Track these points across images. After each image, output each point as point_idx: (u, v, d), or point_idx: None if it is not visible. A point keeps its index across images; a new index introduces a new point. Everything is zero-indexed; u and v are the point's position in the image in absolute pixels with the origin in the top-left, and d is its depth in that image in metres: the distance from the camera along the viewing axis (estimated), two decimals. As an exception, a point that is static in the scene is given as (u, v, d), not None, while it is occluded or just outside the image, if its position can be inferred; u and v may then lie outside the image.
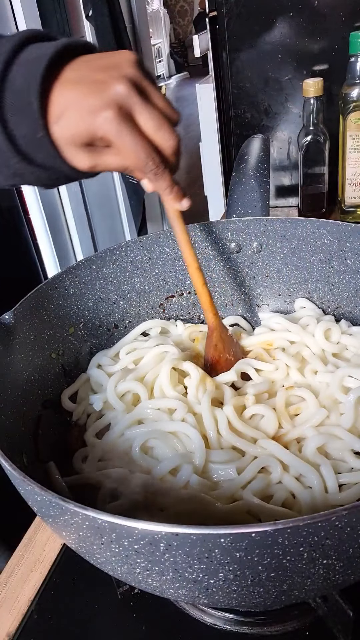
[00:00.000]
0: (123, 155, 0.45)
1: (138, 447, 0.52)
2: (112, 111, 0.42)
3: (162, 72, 7.63)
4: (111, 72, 0.43)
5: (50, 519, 0.37)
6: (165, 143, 0.46)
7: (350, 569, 0.35)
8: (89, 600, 0.52)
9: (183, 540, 0.30)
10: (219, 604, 0.38)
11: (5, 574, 0.55)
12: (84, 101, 0.42)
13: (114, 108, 0.42)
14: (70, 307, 0.63)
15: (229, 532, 0.29)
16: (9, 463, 0.37)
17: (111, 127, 0.43)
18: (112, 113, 0.42)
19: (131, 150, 0.44)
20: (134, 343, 0.66)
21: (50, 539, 0.58)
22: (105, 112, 0.42)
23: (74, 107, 0.42)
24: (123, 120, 0.43)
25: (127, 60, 0.44)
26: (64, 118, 0.42)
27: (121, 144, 0.44)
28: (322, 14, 1.01)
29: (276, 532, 0.29)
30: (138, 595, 0.51)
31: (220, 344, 0.61)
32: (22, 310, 0.55)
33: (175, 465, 0.49)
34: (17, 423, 0.50)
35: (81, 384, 0.63)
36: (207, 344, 0.62)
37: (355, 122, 0.97)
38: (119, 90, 0.43)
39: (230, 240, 0.71)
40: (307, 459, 0.50)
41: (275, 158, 1.18)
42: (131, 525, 0.31)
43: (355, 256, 0.65)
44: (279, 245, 0.70)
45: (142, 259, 0.69)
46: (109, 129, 0.43)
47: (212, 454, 0.51)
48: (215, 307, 0.60)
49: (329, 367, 0.59)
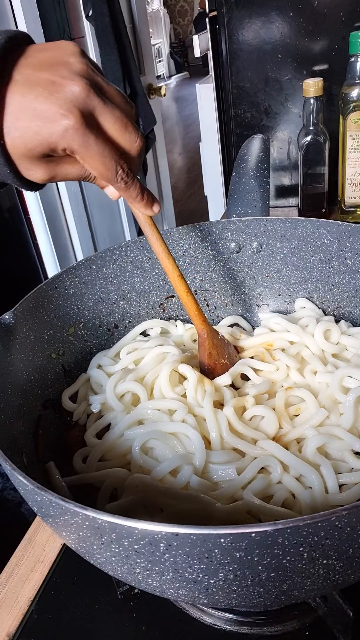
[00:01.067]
0: (89, 164, 0.41)
1: (138, 447, 0.52)
2: (74, 118, 0.37)
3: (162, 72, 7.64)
4: (59, 70, 0.38)
5: (50, 519, 0.37)
6: (132, 145, 0.42)
7: (350, 569, 0.35)
8: (89, 600, 0.52)
9: (183, 540, 0.30)
10: (219, 604, 0.38)
11: (5, 574, 0.55)
12: (38, 108, 0.37)
13: (74, 114, 0.37)
14: (70, 307, 0.63)
15: (229, 532, 0.29)
16: (9, 463, 0.37)
17: (75, 137, 0.38)
18: (74, 120, 0.37)
19: (98, 161, 0.40)
20: (134, 343, 0.66)
21: (50, 539, 0.58)
22: (66, 120, 0.37)
23: (27, 115, 0.37)
24: (87, 127, 0.38)
25: (71, 53, 0.39)
26: (16, 129, 0.37)
27: (87, 155, 0.39)
28: (322, 14, 1.01)
29: (276, 532, 0.29)
30: (138, 595, 0.51)
31: (214, 351, 0.60)
32: (22, 310, 0.55)
33: (176, 466, 0.49)
34: (17, 423, 0.50)
35: (81, 384, 0.63)
36: (201, 352, 0.60)
37: (355, 122, 0.97)
38: (76, 91, 0.37)
39: (230, 240, 0.71)
40: (307, 459, 0.50)
41: (275, 158, 1.18)
42: (131, 525, 0.31)
43: (355, 256, 0.65)
44: (279, 245, 0.70)
45: (142, 259, 0.69)
46: (72, 140, 0.38)
47: (212, 454, 0.51)
48: (203, 314, 0.59)
49: (328, 367, 0.59)
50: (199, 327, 0.59)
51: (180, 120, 5.99)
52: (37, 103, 0.37)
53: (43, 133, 0.37)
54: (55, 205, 1.73)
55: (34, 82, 0.37)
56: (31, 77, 0.37)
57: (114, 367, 0.63)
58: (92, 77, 0.39)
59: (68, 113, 0.37)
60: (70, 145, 0.38)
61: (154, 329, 0.70)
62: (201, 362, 0.61)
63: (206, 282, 0.72)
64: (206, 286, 0.73)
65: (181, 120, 5.98)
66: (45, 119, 0.37)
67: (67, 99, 0.37)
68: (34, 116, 0.37)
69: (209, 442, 0.53)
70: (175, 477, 0.49)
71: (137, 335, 0.68)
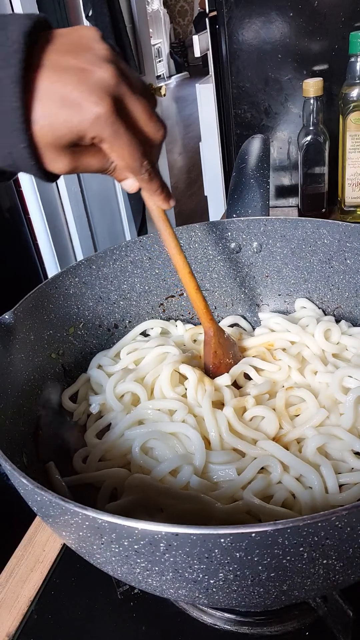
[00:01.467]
0: (116, 154, 0.40)
1: (138, 447, 0.52)
2: (106, 105, 0.36)
3: (162, 72, 7.64)
4: (85, 56, 0.36)
5: (50, 519, 0.37)
6: (157, 133, 0.41)
7: (350, 569, 0.35)
8: (89, 600, 0.52)
9: (183, 540, 0.30)
10: (219, 604, 0.38)
11: (5, 574, 0.55)
12: (68, 95, 0.35)
13: (106, 101, 0.36)
14: (70, 307, 0.63)
15: (229, 532, 0.29)
16: (9, 463, 0.37)
17: (106, 125, 0.36)
18: (106, 108, 0.36)
19: (127, 150, 0.39)
20: (134, 343, 0.66)
21: (50, 539, 0.58)
22: (97, 108, 0.36)
23: (56, 103, 0.35)
24: (118, 115, 0.37)
25: (94, 38, 0.37)
26: (45, 117, 0.35)
27: (117, 144, 0.38)
28: (322, 14, 1.01)
29: (276, 532, 0.29)
30: (138, 595, 0.51)
31: (220, 350, 0.60)
32: (22, 310, 0.55)
33: (176, 466, 0.49)
34: (17, 423, 0.50)
35: (81, 384, 0.63)
36: (206, 351, 0.60)
37: (355, 122, 0.97)
38: (106, 77, 0.36)
39: (230, 240, 0.71)
40: (307, 460, 0.50)
41: (275, 158, 1.18)
42: (131, 525, 0.31)
43: (355, 256, 0.65)
44: (279, 245, 0.70)
45: (142, 259, 0.69)
46: (102, 128, 0.37)
47: (212, 454, 0.51)
48: (211, 312, 0.59)
49: (329, 367, 0.59)
50: (206, 325, 0.59)
51: (180, 120, 5.99)
52: (67, 90, 0.35)
53: (73, 121, 0.36)
54: (55, 205, 1.74)
55: (62, 68, 0.35)
56: (58, 63, 0.36)
57: (114, 367, 0.63)
58: (118, 63, 0.38)
59: (100, 100, 0.36)
60: (100, 134, 0.37)
61: (154, 329, 0.70)
62: (206, 361, 0.61)
63: (206, 282, 0.72)
64: (206, 286, 0.73)
65: (181, 120, 5.98)
66: (76, 106, 0.35)
67: (97, 85, 0.36)
68: (63, 104, 0.35)
69: (209, 442, 0.53)
70: (175, 477, 0.49)
71: (137, 335, 0.68)
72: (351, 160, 1.01)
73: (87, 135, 0.37)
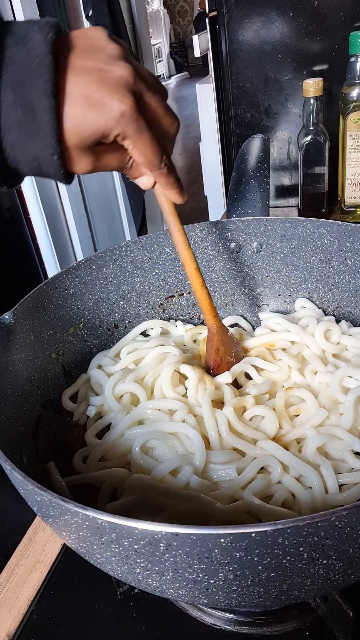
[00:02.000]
0: (138, 150, 0.40)
1: (138, 447, 0.52)
2: (129, 102, 0.37)
3: (162, 72, 7.64)
4: (99, 56, 0.37)
5: (50, 519, 0.37)
6: (172, 126, 0.42)
7: (350, 569, 0.35)
8: (89, 600, 0.52)
9: (183, 540, 0.30)
10: (219, 604, 0.38)
11: (5, 574, 0.55)
12: (92, 96, 0.36)
13: (129, 98, 0.37)
14: (70, 307, 0.63)
15: (229, 532, 0.29)
16: (9, 463, 0.37)
17: (130, 122, 0.37)
18: (130, 104, 0.37)
19: (149, 146, 0.40)
20: (135, 343, 0.66)
21: (50, 539, 0.58)
22: (122, 105, 0.36)
23: (81, 104, 0.36)
24: (139, 111, 0.38)
25: (103, 38, 0.38)
26: (70, 119, 0.36)
27: (139, 140, 0.39)
28: (322, 14, 1.01)
29: (276, 532, 0.29)
30: (138, 595, 0.51)
31: (222, 347, 0.60)
32: (22, 310, 0.55)
33: (176, 466, 0.49)
34: (17, 423, 0.50)
35: (81, 384, 0.63)
36: (208, 348, 0.60)
37: (355, 122, 0.97)
38: (124, 75, 0.37)
39: (230, 240, 0.71)
40: (307, 460, 0.50)
41: (275, 158, 1.18)
42: (131, 525, 0.31)
43: (355, 256, 0.65)
44: (279, 245, 0.70)
45: (142, 259, 0.69)
46: (127, 125, 0.37)
47: (212, 454, 0.51)
48: (215, 309, 0.59)
49: (329, 367, 0.59)
50: (210, 322, 0.59)
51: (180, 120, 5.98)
52: (90, 91, 0.36)
53: (99, 120, 0.37)
54: (55, 205, 1.73)
55: (81, 70, 0.36)
56: (76, 65, 0.36)
57: (114, 367, 0.63)
58: (130, 59, 0.38)
59: (123, 98, 0.36)
60: (125, 131, 0.38)
61: (154, 329, 0.70)
62: (208, 358, 0.61)
63: (206, 282, 0.72)
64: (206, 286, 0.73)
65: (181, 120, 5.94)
66: (100, 105, 0.36)
67: (118, 84, 0.36)
68: (88, 105, 0.36)
69: (209, 442, 0.53)
70: (175, 477, 0.49)
71: (137, 335, 0.68)
72: (351, 160, 1.01)
73: (111, 134, 0.38)
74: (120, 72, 0.37)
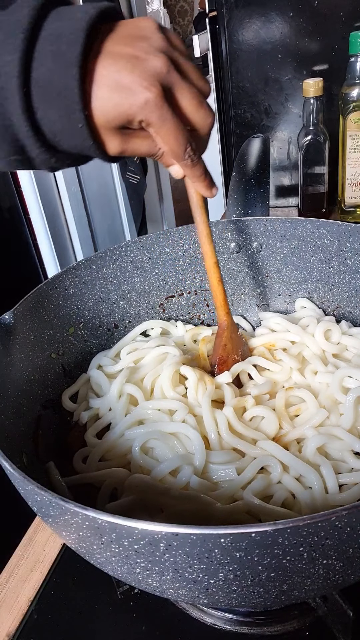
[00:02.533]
0: (162, 138, 0.41)
1: (138, 447, 0.52)
2: (155, 91, 0.38)
3: (162, 72, 7.62)
4: (141, 45, 0.39)
5: (50, 519, 0.37)
6: (204, 122, 0.43)
7: (350, 569, 0.35)
8: (89, 600, 0.52)
9: (183, 540, 0.30)
10: (219, 604, 0.38)
11: (5, 574, 0.55)
12: (121, 80, 0.38)
13: (156, 87, 0.38)
14: (70, 307, 0.63)
15: (229, 532, 0.29)
16: (9, 463, 0.37)
17: (153, 110, 0.39)
18: (155, 93, 0.38)
19: (172, 135, 0.41)
20: (135, 343, 0.66)
21: (50, 539, 0.58)
22: (147, 92, 0.38)
23: (109, 87, 0.38)
24: (165, 102, 0.39)
25: (152, 29, 0.40)
26: (97, 99, 0.38)
27: (162, 129, 0.40)
28: (322, 14, 1.01)
29: (276, 532, 0.29)
30: (138, 595, 0.51)
31: (230, 344, 0.61)
32: (22, 310, 0.55)
33: (176, 467, 0.49)
34: (17, 423, 0.50)
35: (81, 384, 0.63)
36: (217, 343, 0.61)
37: (355, 122, 0.97)
38: (157, 66, 0.39)
39: (230, 240, 0.71)
40: (307, 460, 0.50)
41: (275, 158, 1.18)
42: (131, 525, 0.30)
43: (355, 256, 0.65)
44: (279, 245, 0.70)
45: (142, 259, 0.69)
46: (150, 112, 0.39)
47: (212, 454, 0.51)
48: (228, 305, 0.60)
49: (329, 367, 0.59)
50: (222, 317, 0.60)
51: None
52: (121, 75, 0.38)
53: (124, 104, 0.38)
54: (55, 205, 1.73)
55: (118, 55, 0.38)
56: (115, 50, 0.39)
57: (114, 367, 0.63)
58: (172, 53, 0.40)
59: (150, 86, 0.38)
60: (148, 118, 0.39)
61: (154, 329, 0.70)
62: (214, 354, 0.61)
63: (206, 282, 0.72)
64: (206, 286, 0.73)
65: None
66: (127, 90, 0.38)
67: (149, 73, 0.38)
68: (116, 88, 0.38)
69: (209, 442, 0.53)
70: (175, 477, 0.49)
71: (137, 335, 0.68)
72: (351, 160, 1.01)
73: (135, 119, 0.40)
74: (155, 63, 0.39)
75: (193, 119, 0.42)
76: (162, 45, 0.40)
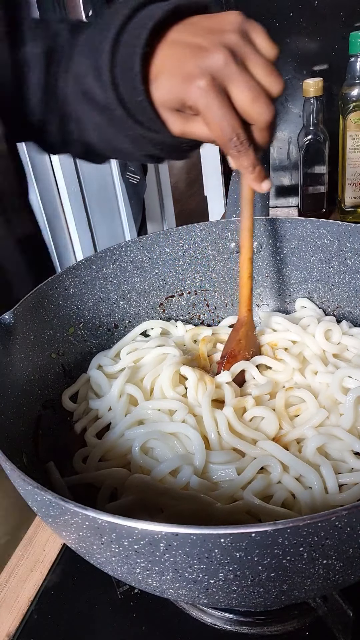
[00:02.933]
0: (208, 126, 0.44)
1: (138, 447, 0.52)
2: (205, 81, 0.41)
3: (162, 72, 7.62)
4: (212, 37, 0.42)
5: (50, 519, 0.37)
6: (260, 117, 0.44)
7: (350, 569, 0.35)
8: (89, 600, 0.52)
9: (183, 540, 0.30)
10: (219, 604, 0.38)
11: (5, 574, 0.55)
12: (180, 67, 0.42)
13: (207, 78, 0.41)
14: (70, 307, 0.63)
15: (229, 532, 0.29)
16: (9, 463, 0.37)
17: (201, 98, 0.42)
18: (205, 83, 0.41)
19: (217, 125, 0.43)
20: (134, 343, 0.66)
21: (50, 539, 0.58)
22: (198, 81, 0.41)
23: (169, 71, 0.43)
24: (214, 91, 0.42)
25: (230, 23, 0.43)
26: (159, 81, 0.43)
27: (208, 117, 0.43)
28: (322, 14, 1.01)
29: (276, 532, 0.29)
30: (138, 595, 0.51)
31: (244, 341, 0.61)
32: (22, 310, 0.55)
33: (176, 467, 0.49)
34: (17, 423, 0.50)
35: (81, 384, 0.62)
36: (231, 336, 0.61)
37: (355, 122, 0.97)
38: (216, 59, 0.41)
39: (230, 240, 0.71)
40: (307, 460, 0.50)
41: (275, 158, 1.18)
42: (131, 525, 0.30)
43: (355, 256, 0.65)
44: (279, 245, 0.70)
45: (142, 259, 0.69)
46: (197, 99, 0.42)
47: (212, 455, 0.51)
48: (251, 302, 0.61)
49: (329, 367, 0.59)
50: (243, 312, 0.61)
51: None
52: (181, 62, 0.42)
53: (176, 88, 0.43)
54: (55, 205, 1.73)
55: (184, 44, 0.43)
56: (184, 39, 0.43)
57: (114, 367, 0.63)
58: (241, 48, 0.42)
59: (202, 76, 0.41)
60: (196, 104, 0.42)
61: (154, 329, 0.70)
62: (226, 346, 0.62)
63: (206, 282, 0.72)
64: (206, 286, 0.73)
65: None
66: (181, 76, 0.42)
67: (206, 64, 0.41)
68: (174, 72, 0.43)
69: (209, 442, 0.53)
70: (175, 477, 0.49)
71: (137, 335, 0.68)
72: (351, 160, 1.01)
73: (186, 103, 0.43)
74: (214, 56, 0.41)
75: (247, 111, 0.44)
76: (232, 39, 0.42)
